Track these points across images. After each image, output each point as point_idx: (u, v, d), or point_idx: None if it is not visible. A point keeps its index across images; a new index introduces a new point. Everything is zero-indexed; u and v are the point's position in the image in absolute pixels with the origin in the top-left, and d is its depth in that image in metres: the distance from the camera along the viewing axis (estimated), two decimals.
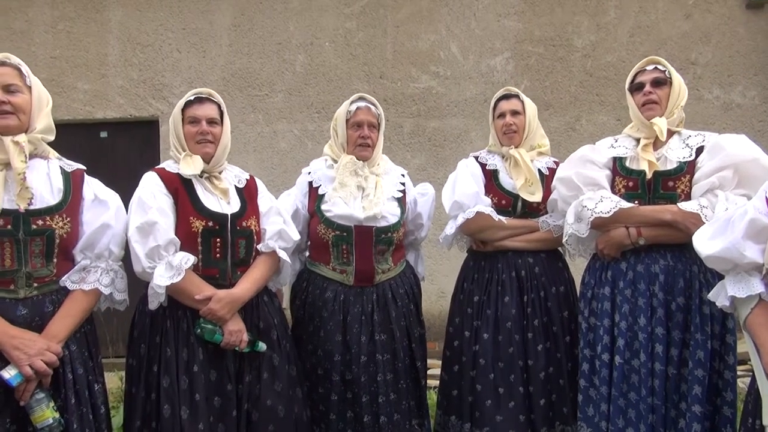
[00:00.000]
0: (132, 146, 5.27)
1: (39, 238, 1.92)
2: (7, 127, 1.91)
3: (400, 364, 2.52)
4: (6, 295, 1.89)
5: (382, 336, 2.51)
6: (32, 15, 5.24)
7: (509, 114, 2.68)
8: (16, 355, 1.83)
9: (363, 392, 2.46)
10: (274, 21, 5.12)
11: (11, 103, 1.91)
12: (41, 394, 1.87)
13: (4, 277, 1.88)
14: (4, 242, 1.86)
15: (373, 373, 2.47)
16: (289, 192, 2.69)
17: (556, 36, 4.98)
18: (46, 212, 1.93)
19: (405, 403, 2.53)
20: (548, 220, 2.65)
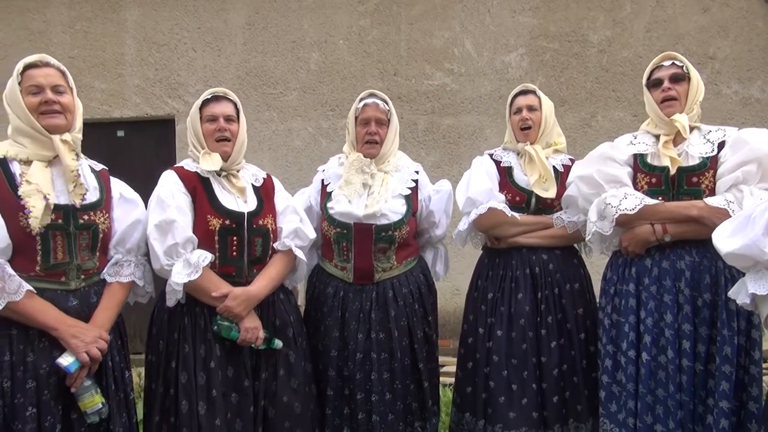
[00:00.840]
0: (148, 145, 5.31)
1: (86, 232, 2.01)
2: (57, 126, 1.98)
3: (397, 364, 2.49)
4: (58, 287, 1.96)
5: (380, 335, 2.49)
6: (50, 15, 5.30)
7: (525, 110, 2.67)
8: (74, 343, 1.92)
9: (358, 389, 2.46)
10: (289, 19, 5.13)
11: (60, 103, 1.98)
12: (88, 381, 1.96)
13: (57, 269, 1.96)
14: (57, 236, 1.94)
15: (369, 371, 2.47)
16: (304, 190, 2.72)
17: (572, 32, 4.94)
18: (90, 207, 2.02)
19: (400, 403, 2.51)
20: (563, 216, 2.63)
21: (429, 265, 2.75)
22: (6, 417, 1.83)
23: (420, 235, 2.73)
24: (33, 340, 1.91)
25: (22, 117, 1.96)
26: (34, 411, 1.85)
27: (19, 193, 1.88)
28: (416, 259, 2.67)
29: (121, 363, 2.12)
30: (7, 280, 1.84)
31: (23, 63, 1.99)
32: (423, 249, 2.77)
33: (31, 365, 1.88)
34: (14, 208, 1.87)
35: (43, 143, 1.97)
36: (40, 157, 1.97)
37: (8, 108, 1.98)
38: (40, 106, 1.96)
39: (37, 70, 1.99)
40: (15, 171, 1.93)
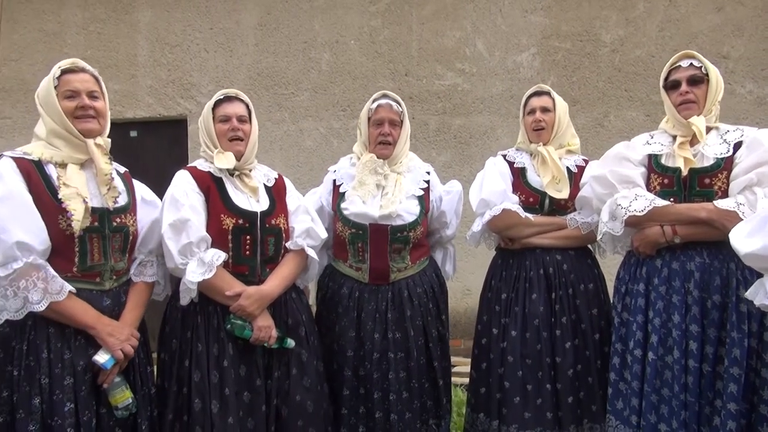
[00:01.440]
0: (161, 145, 5.35)
1: (119, 234, 2.07)
2: (91, 130, 2.04)
3: (413, 363, 2.51)
4: (93, 287, 2.02)
5: (396, 334, 2.51)
6: (64, 17, 5.36)
7: (539, 110, 2.67)
8: (110, 341, 1.98)
9: (375, 389, 2.48)
10: (300, 20, 5.15)
11: (94, 108, 2.04)
12: (119, 377, 2.01)
13: (92, 270, 2.01)
14: (93, 238, 1.99)
15: (386, 371, 2.48)
16: (315, 190, 2.73)
17: (584, 31, 4.92)
18: (121, 210, 2.08)
19: (417, 402, 2.52)
20: (576, 217, 2.62)
21: (439, 265, 2.77)
22: (44, 413, 1.87)
23: (430, 235, 2.74)
24: (69, 338, 1.95)
25: (57, 120, 1.99)
26: (71, 406, 1.90)
27: (59, 196, 1.92)
28: (428, 258, 2.69)
29: (144, 359, 2.18)
30: (50, 281, 1.88)
31: (59, 67, 2.03)
32: (432, 249, 2.78)
33: (68, 362, 1.93)
34: (54, 210, 1.91)
35: (77, 146, 2.01)
36: (74, 160, 2.01)
37: (42, 110, 2.01)
38: (76, 111, 2.00)
39: (73, 75, 2.04)
40: (51, 173, 1.96)
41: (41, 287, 1.86)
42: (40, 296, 1.86)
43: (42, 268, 1.88)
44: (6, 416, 1.87)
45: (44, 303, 1.86)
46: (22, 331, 1.91)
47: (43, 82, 2.04)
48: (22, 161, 1.94)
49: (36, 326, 1.92)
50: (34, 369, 1.89)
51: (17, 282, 1.84)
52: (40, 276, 1.87)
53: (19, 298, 1.85)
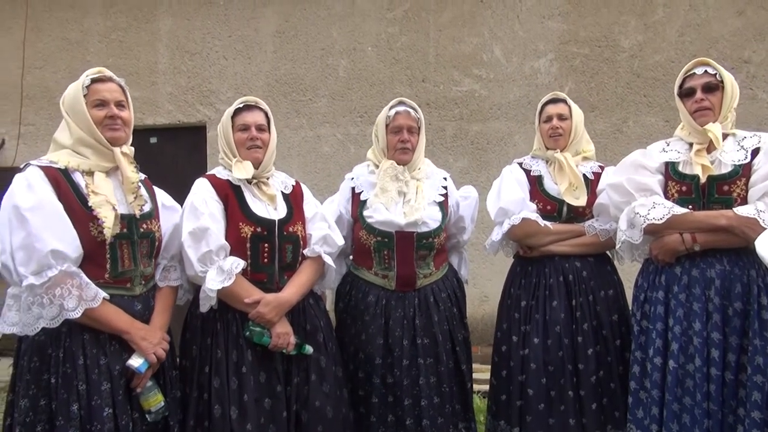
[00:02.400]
0: (180, 151, 5.41)
1: (145, 240, 2.09)
2: (118, 139, 2.07)
3: (443, 367, 2.52)
4: (125, 292, 2.05)
5: (425, 340, 2.52)
6: (87, 26, 5.45)
7: (556, 117, 2.67)
8: (144, 345, 2.01)
9: (405, 396, 2.47)
10: (318, 27, 5.19)
11: (121, 117, 2.07)
12: (150, 381, 2.04)
13: (123, 276, 2.04)
14: (123, 245, 2.02)
15: (416, 377, 2.48)
16: (332, 198, 2.74)
17: (602, 37, 4.89)
18: (147, 216, 2.11)
19: (449, 406, 2.54)
20: (594, 224, 2.62)
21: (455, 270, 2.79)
22: (83, 419, 1.89)
23: (447, 240, 2.74)
24: (104, 344, 1.98)
25: (86, 128, 2.02)
26: (110, 411, 1.92)
27: (89, 204, 1.95)
28: (447, 263, 2.71)
29: (171, 364, 2.20)
30: (85, 288, 1.90)
31: (88, 77, 2.06)
32: (449, 253, 2.79)
33: (104, 368, 1.95)
34: (85, 218, 1.94)
35: (104, 155, 2.05)
36: (101, 168, 2.04)
37: (69, 118, 2.04)
38: (104, 120, 2.04)
39: (102, 85, 2.07)
40: (78, 181, 1.99)
41: (76, 294, 1.88)
42: (75, 303, 1.88)
43: (76, 275, 1.90)
44: (44, 424, 1.89)
45: (79, 310, 1.88)
46: (57, 338, 1.93)
47: (70, 90, 2.06)
48: (50, 170, 1.96)
49: (71, 333, 1.94)
50: (71, 376, 1.90)
51: (53, 290, 1.86)
52: (75, 283, 1.89)
53: (55, 306, 1.86)
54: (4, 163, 5.37)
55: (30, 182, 1.91)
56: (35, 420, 1.90)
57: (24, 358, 1.95)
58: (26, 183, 1.91)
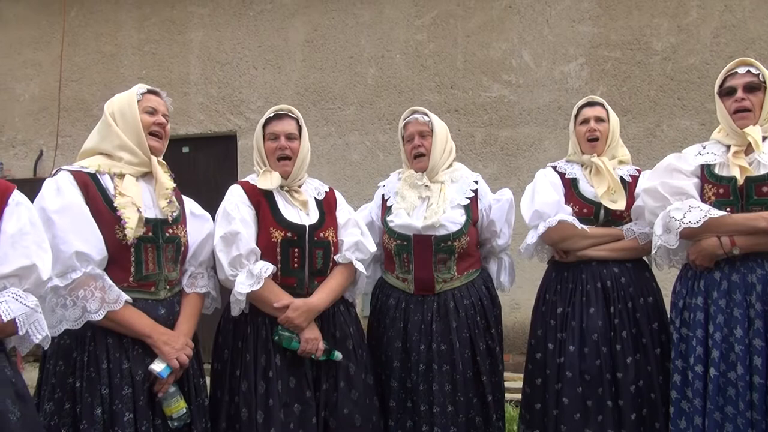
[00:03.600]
0: (211, 160, 5.49)
1: (171, 245, 2.10)
2: (158, 149, 2.14)
3: (459, 376, 2.47)
4: (149, 296, 2.05)
5: (442, 346, 2.48)
6: (121, 39, 5.58)
7: (593, 120, 2.62)
8: (166, 350, 2.01)
9: (422, 401, 2.45)
10: (346, 35, 5.22)
11: (165, 129, 2.16)
12: (173, 387, 2.03)
13: (147, 280, 2.05)
14: (148, 248, 2.03)
15: (431, 383, 2.46)
16: (366, 205, 2.78)
17: (634, 40, 4.82)
18: (173, 222, 2.12)
19: (463, 416, 2.48)
20: (633, 227, 2.55)
21: (493, 277, 2.72)
22: (105, 423, 1.90)
23: (482, 246, 2.71)
24: (127, 348, 1.98)
25: (132, 132, 2.07)
26: (131, 416, 1.92)
27: (114, 205, 1.97)
28: (478, 270, 2.65)
29: (197, 371, 2.20)
30: (107, 291, 1.92)
31: (145, 87, 2.15)
32: (486, 260, 2.75)
33: (126, 372, 1.96)
34: (111, 220, 1.96)
35: (141, 161, 2.09)
36: (133, 172, 2.07)
37: (115, 122, 2.08)
38: (152, 126, 2.10)
39: (153, 96, 2.16)
40: (107, 185, 2.02)
41: (99, 296, 1.90)
42: (97, 305, 1.89)
43: (99, 277, 1.92)
44: (69, 428, 1.91)
45: (102, 312, 1.90)
46: (82, 342, 1.95)
47: (123, 95, 2.13)
48: (79, 174, 2.00)
49: (95, 337, 1.95)
50: (95, 380, 1.92)
51: (76, 292, 1.88)
52: (98, 285, 1.91)
53: (78, 308, 1.89)
54: (43, 173, 5.51)
55: (59, 186, 1.95)
56: (60, 423, 1.91)
57: (50, 362, 1.98)
58: (55, 186, 1.95)
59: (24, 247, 1.64)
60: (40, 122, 5.68)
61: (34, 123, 5.69)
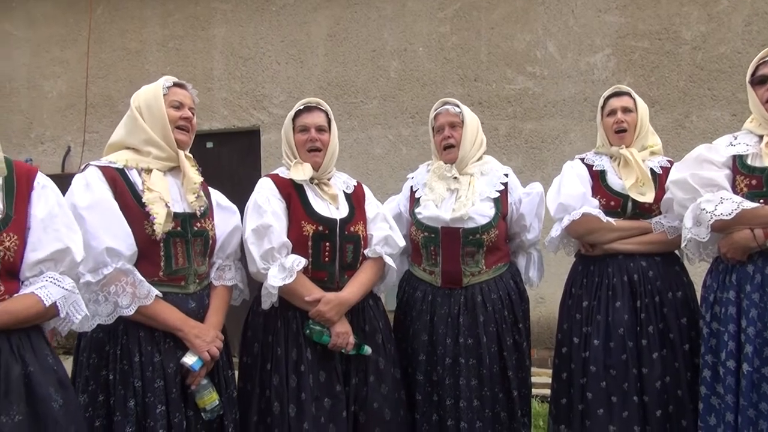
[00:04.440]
0: (235, 155, 5.52)
1: (200, 238, 2.11)
2: (185, 142, 2.15)
3: (485, 370, 2.45)
4: (179, 290, 2.07)
5: (468, 340, 2.46)
6: (145, 35, 5.64)
7: (620, 111, 2.58)
8: (198, 343, 2.02)
9: (447, 395, 2.44)
10: (369, 29, 5.20)
11: (191, 122, 2.16)
12: (205, 379, 2.05)
13: (177, 274, 2.06)
14: (177, 243, 2.04)
15: (458, 377, 2.44)
16: (394, 197, 2.77)
17: (662, 29, 4.72)
18: (201, 216, 2.12)
19: (489, 411, 2.46)
20: (662, 221, 2.51)
21: (522, 271, 2.69)
22: (138, 415, 1.93)
23: (511, 240, 2.69)
24: (159, 342, 2.00)
25: (159, 127, 2.07)
26: (163, 409, 1.94)
27: (143, 200, 1.98)
28: (507, 264, 2.62)
29: (226, 363, 2.21)
30: (138, 286, 1.94)
31: (170, 80, 2.14)
32: (515, 254, 2.72)
33: (158, 365, 1.97)
34: (140, 216, 1.97)
35: (168, 155, 2.09)
36: (161, 167, 2.08)
37: (141, 116, 2.08)
38: (178, 121, 2.10)
39: (180, 90, 2.15)
40: (134, 180, 2.03)
41: (130, 292, 1.91)
42: (129, 300, 1.91)
43: (130, 273, 1.93)
44: (103, 419, 1.94)
45: (133, 307, 1.91)
46: (114, 336, 1.97)
47: (148, 89, 2.12)
48: (108, 169, 2.01)
49: (127, 331, 1.97)
50: (128, 373, 1.94)
51: (107, 287, 1.90)
52: (129, 281, 1.92)
53: (110, 303, 1.90)
54: (71, 169, 5.60)
55: (88, 182, 1.96)
56: (94, 415, 1.94)
57: (83, 355, 2.00)
58: (84, 182, 1.96)
59: (55, 230, 1.66)
60: (67, 119, 5.77)
61: (62, 119, 5.78)
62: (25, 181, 1.66)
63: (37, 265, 1.62)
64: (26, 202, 1.64)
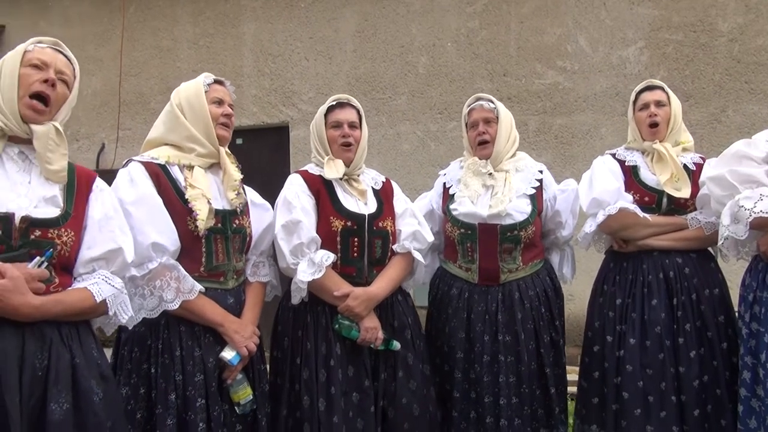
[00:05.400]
0: (264, 151, 5.56)
1: (238, 235, 2.13)
2: (226, 138, 2.17)
3: (524, 368, 2.44)
4: (219, 286, 2.09)
5: (507, 337, 2.45)
6: (177, 33, 5.71)
7: (653, 105, 2.53)
8: (237, 338, 2.05)
9: (486, 393, 2.43)
10: (397, 25, 5.19)
11: (231, 119, 2.19)
12: (240, 374, 2.08)
13: (217, 270, 2.08)
14: (217, 239, 2.07)
15: (496, 374, 2.43)
16: (425, 194, 2.76)
17: (698, 21, 4.60)
18: (240, 213, 2.15)
19: (527, 408, 2.45)
20: (698, 216, 2.46)
21: (555, 268, 2.68)
22: (179, 408, 1.96)
23: (545, 237, 2.66)
24: (199, 336, 2.02)
25: (201, 124, 2.09)
26: (203, 402, 1.96)
27: (186, 196, 2.01)
28: (542, 261, 2.61)
29: (260, 357, 2.23)
30: (182, 281, 1.96)
31: (210, 77, 2.17)
32: (548, 251, 2.70)
33: (199, 359, 2.00)
34: (183, 212, 2.00)
35: (209, 152, 2.11)
36: (202, 163, 2.10)
37: (183, 114, 2.10)
38: (220, 118, 2.12)
39: (220, 86, 2.17)
40: (176, 176, 2.05)
41: (174, 286, 1.94)
42: (173, 295, 1.94)
43: (174, 268, 1.96)
44: (144, 412, 1.97)
45: (177, 301, 1.94)
46: (156, 330, 2.00)
47: (189, 86, 2.14)
48: (151, 165, 2.04)
49: (169, 325, 1.99)
50: (169, 366, 1.96)
51: (153, 282, 1.93)
52: (173, 276, 1.95)
53: (155, 297, 1.93)
54: (105, 165, 5.71)
55: (132, 177, 1.99)
56: (135, 408, 1.97)
57: (124, 348, 2.03)
58: (129, 178, 1.99)
59: (110, 231, 1.72)
60: (101, 116, 5.88)
61: (96, 117, 5.89)
62: (85, 183, 1.74)
63: (90, 263, 1.68)
64: (84, 202, 1.71)
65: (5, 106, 1.61)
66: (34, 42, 1.69)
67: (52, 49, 1.71)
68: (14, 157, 1.63)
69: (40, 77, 1.64)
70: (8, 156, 1.62)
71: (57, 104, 1.67)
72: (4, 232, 1.52)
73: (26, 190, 1.60)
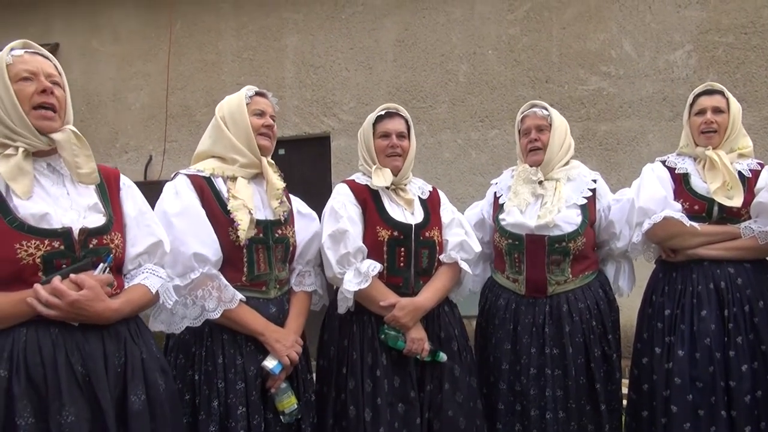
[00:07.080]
0: (306, 161, 5.62)
1: (280, 245, 2.16)
2: (268, 148, 2.21)
3: (572, 382, 2.38)
4: (260, 295, 2.12)
5: (554, 350, 2.41)
6: (221, 47, 5.83)
7: (710, 111, 2.46)
8: (278, 347, 2.06)
9: (532, 406, 2.39)
10: (437, 34, 5.19)
11: (273, 129, 2.21)
12: (285, 383, 2.10)
13: (259, 279, 2.11)
14: (259, 249, 2.10)
15: (543, 387, 2.39)
16: (477, 203, 2.75)
17: (749, 23, 4.46)
18: (283, 223, 2.17)
19: (575, 424, 2.39)
20: (752, 225, 2.37)
21: (611, 280, 2.60)
22: (221, 415, 1.99)
23: (600, 248, 2.61)
24: (241, 345, 2.06)
25: (243, 135, 2.13)
26: (243, 410, 1.99)
27: (228, 207, 2.05)
28: (595, 273, 2.55)
29: (305, 366, 2.25)
30: (224, 290, 2.01)
31: (252, 89, 2.21)
32: (603, 262, 2.64)
33: (240, 368, 2.03)
34: (225, 222, 2.04)
35: (252, 162, 2.15)
36: (245, 174, 2.14)
37: (226, 125, 2.15)
38: (261, 128, 2.16)
39: (261, 98, 2.22)
40: (220, 188, 2.10)
41: (216, 296, 1.98)
42: (215, 304, 1.98)
43: (216, 277, 2.00)
44: (188, 417, 2.00)
45: (219, 311, 1.98)
46: (200, 338, 2.04)
47: (232, 99, 2.19)
48: (196, 177, 2.09)
49: (212, 333, 2.04)
50: (212, 374, 2.00)
51: (195, 291, 1.98)
52: (215, 285, 1.99)
53: (197, 306, 1.98)
54: (152, 176, 5.86)
55: (177, 189, 2.05)
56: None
57: (171, 355, 2.09)
58: (174, 190, 2.05)
59: (147, 226, 1.82)
60: (149, 129, 6.04)
61: (144, 129, 6.06)
62: (114, 183, 1.81)
63: (136, 259, 1.78)
64: (118, 202, 1.79)
65: (18, 125, 1.59)
66: (6, 52, 1.64)
67: (29, 54, 1.66)
68: (45, 172, 1.66)
69: (35, 89, 1.62)
70: (39, 172, 1.64)
71: (61, 107, 1.69)
72: (66, 246, 1.59)
73: (69, 202, 1.66)
